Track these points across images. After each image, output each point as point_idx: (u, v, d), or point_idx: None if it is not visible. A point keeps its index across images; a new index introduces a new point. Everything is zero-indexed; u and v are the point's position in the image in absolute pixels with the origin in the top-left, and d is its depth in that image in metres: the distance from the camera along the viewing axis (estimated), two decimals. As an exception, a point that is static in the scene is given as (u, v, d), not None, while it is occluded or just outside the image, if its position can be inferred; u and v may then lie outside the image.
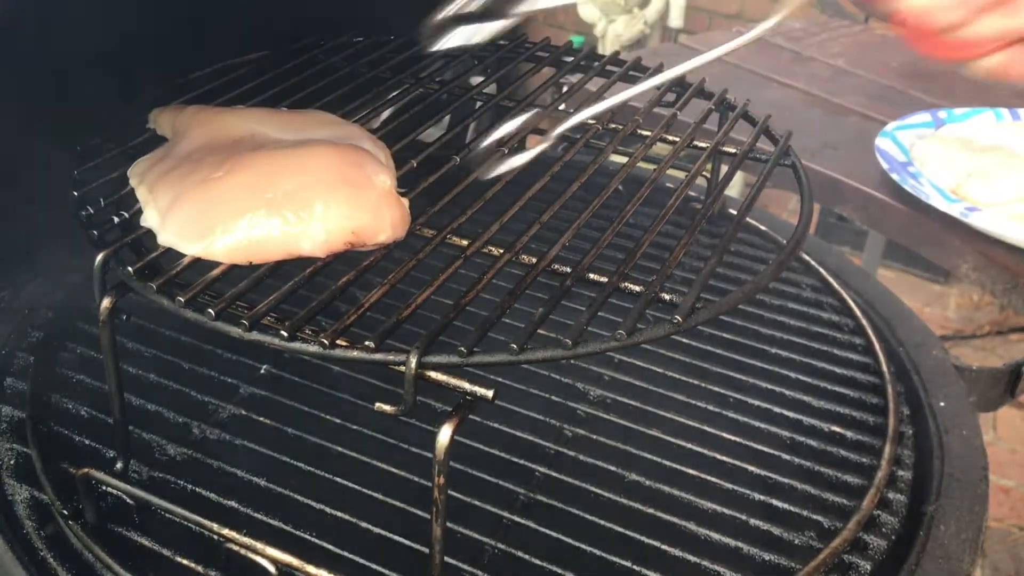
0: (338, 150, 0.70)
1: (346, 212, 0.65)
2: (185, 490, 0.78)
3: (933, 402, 0.94)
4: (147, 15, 0.89)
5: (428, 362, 0.58)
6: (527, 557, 0.73)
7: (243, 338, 0.60)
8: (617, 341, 0.60)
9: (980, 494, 0.84)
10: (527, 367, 0.92)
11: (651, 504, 0.78)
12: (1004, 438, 2.23)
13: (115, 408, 0.72)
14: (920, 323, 1.07)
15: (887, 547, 0.78)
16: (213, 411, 0.87)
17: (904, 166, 1.26)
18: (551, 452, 0.84)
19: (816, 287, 1.12)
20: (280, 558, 0.66)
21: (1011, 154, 1.28)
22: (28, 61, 0.84)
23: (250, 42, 0.97)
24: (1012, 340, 2.54)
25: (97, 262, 0.66)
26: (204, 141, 0.75)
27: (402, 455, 0.81)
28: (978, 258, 1.15)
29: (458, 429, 0.57)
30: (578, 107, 0.89)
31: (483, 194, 0.76)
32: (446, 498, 0.59)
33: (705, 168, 0.85)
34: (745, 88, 1.00)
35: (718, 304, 0.64)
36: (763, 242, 1.18)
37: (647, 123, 0.91)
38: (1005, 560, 1.93)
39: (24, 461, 0.80)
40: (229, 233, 0.65)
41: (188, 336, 0.93)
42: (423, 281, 0.65)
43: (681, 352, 0.98)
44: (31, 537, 0.74)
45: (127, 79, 0.88)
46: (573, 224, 0.72)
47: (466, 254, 0.69)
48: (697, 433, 0.87)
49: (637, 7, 2.62)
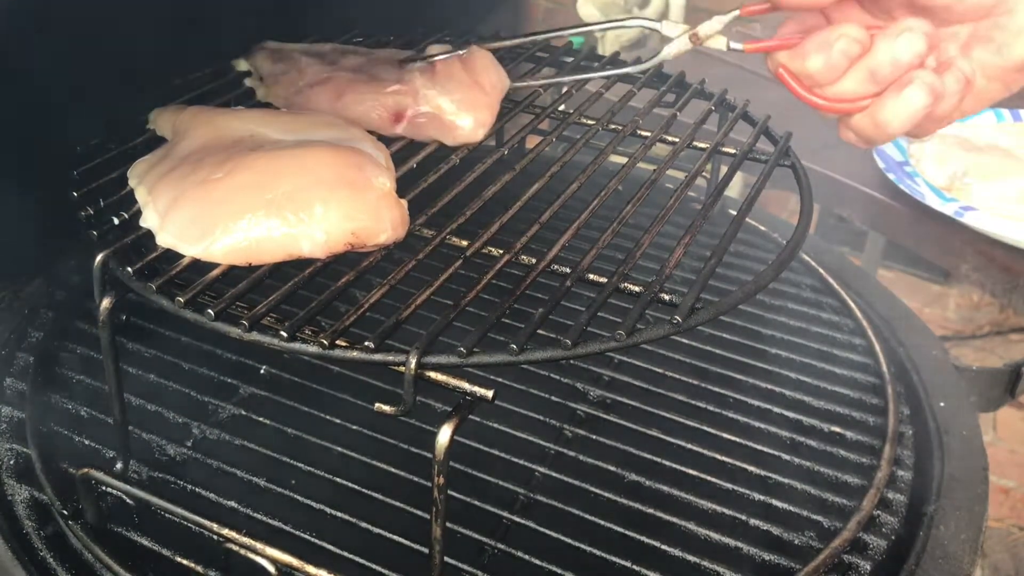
0: (338, 151, 0.70)
1: (346, 213, 0.66)
2: (185, 490, 0.78)
3: (933, 402, 0.94)
4: (147, 15, 0.89)
5: (428, 362, 0.58)
6: (527, 557, 0.73)
7: (243, 338, 0.60)
8: (617, 341, 0.60)
9: (980, 494, 0.83)
10: (527, 367, 0.92)
11: (651, 504, 0.78)
12: (1004, 438, 2.23)
13: (115, 408, 0.72)
14: (920, 323, 1.07)
15: (887, 547, 0.78)
16: (213, 411, 0.87)
17: (901, 165, 1.26)
18: (551, 452, 0.84)
19: (816, 287, 1.12)
20: (280, 558, 0.66)
21: (1008, 155, 1.28)
22: (28, 61, 0.84)
23: (250, 42, 0.96)
24: (1012, 340, 2.53)
25: (97, 262, 0.66)
26: (204, 142, 0.75)
27: (402, 455, 0.81)
28: (978, 258, 1.15)
29: (458, 429, 0.57)
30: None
31: (483, 194, 0.76)
32: (446, 498, 0.59)
33: (705, 168, 0.85)
34: (745, 88, 1.00)
35: (718, 304, 0.64)
36: (763, 242, 1.18)
37: (647, 123, 0.91)
38: (1005, 560, 1.93)
39: (24, 461, 0.80)
40: (229, 234, 0.65)
41: (188, 336, 0.93)
42: (423, 281, 0.65)
43: (681, 352, 0.98)
44: (31, 537, 0.74)
45: (128, 79, 0.88)
46: (573, 224, 0.72)
47: (466, 254, 0.69)
48: (697, 433, 0.87)
49: (637, 7, 2.62)
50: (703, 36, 0.72)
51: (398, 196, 0.70)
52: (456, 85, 0.83)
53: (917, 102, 0.63)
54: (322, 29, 1.03)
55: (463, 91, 0.82)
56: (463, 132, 0.82)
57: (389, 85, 0.83)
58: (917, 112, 0.63)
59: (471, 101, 0.82)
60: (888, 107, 0.64)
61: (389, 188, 0.69)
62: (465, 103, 0.82)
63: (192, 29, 0.94)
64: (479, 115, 0.82)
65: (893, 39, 0.62)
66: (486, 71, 0.85)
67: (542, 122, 0.92)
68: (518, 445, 0.84)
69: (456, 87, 0.82)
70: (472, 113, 0.82)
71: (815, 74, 0.65)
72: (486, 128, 0.83)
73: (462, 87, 0.83)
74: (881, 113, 0.64)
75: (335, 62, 0.89)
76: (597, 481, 0.80)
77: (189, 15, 0.94)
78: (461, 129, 0.82)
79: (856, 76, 0.64)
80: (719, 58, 1.59)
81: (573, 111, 0.92)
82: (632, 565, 0.73)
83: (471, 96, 0.82)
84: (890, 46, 0.62)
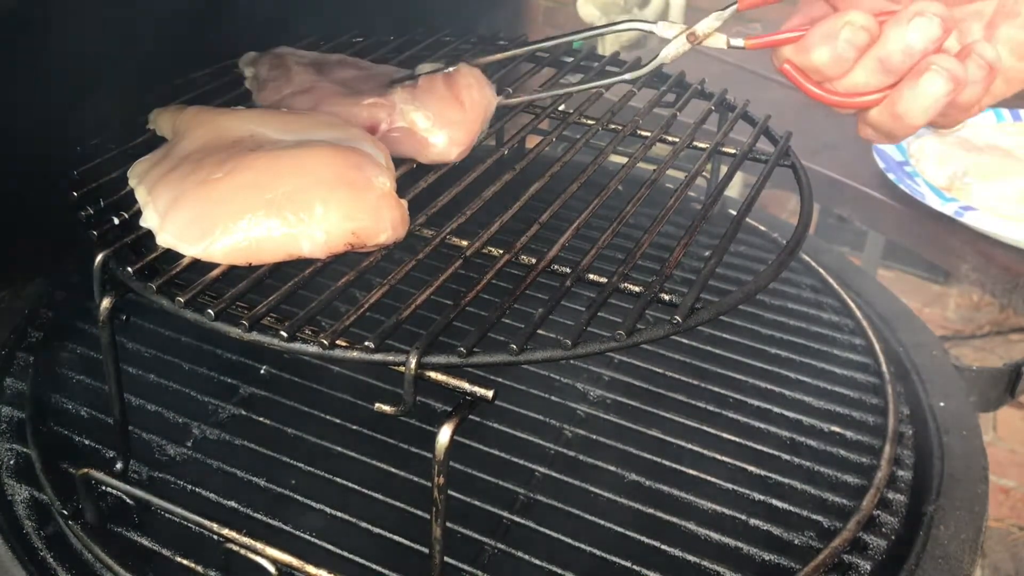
0: (338, 151, 0.70)
1: (346, 213, 0.66)
2: (185, 490, 0.78)
3: (933, 402, 0.94)
4: (147, 15, 0.89)
5: (428, 362, 0.58)
6: (527, 557, 0.73)
7: (243, 338, 0.60)
8: (617, 341, 0.60)
9: (980, 494, 0.84)
10: (527, 367, 0.92)
11: (651, 504, 0.78)
12: (1004, 438, 2.23)
13: (115, 408, 0.72)
14: (920, 323, 1.07)
15: (887, 547, 0.78)
16: (213, 411, 0.87)
17: (901, 165, 1.26)
18: (551, 452, 0.84)
19: (816, 287, 1.12)
20: (280, 558, 0.66)
21: (1008, 155, 1.28)
22: (28, 60, 0.84)
23: (251, 43, 0.97)
24: (1012, 340, 2.53)
25: (97, 262, 0.66)
26: (204, 142, 0.75)
27: (402, 455, 0.81)
28: (978, 258, 1.15)
29: (458, 429, 0.57)
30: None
31: (483, 194, 0.76)
32: (446, 498, 0.59)
33: (705, 168, 0.85)
34: (745, 88, 1.00)
35: (718, 304, 0.64)
36: (763, 242, 1.18)
37: (647, 123, 0.91)
38: (1005, 560, 1.93)
39: (24, 461, 0.80)
40: (229, 234, 0.65)
41: (188, 336, 0.93)
42: (423, 281, 0.65)
43: (681, 352, 0.98)
44: (31, 537, 0.74)
45: (128, 79, 0.88)
46: (573, 224, 0.73)
47: (466, 254, 0.69)
48: (697, 433, 0.87)
49: (637, 7, 2.62)
50: (701, 35, 0.69)
51: (398, 196, 0.70)
52: (434, 101, 0.80)
53: (936, 91, 0.59)
54: (320, 29, 1.03)
55: (439, 107, 0.80)
56: (436, 150, 0.79)
57: (367, 98, 0.81)
58: (937, 101, 0.59)
59: (446, 118, 0.80)
60: (905, 98, 0.60)
61: (389, 188, 0.69)
62: (440, 120, 0.79)
63: (192, 29, 0.94)
64: (453, 133, 0.79)
65: (904, 25, 0.58)
66: (468, 89, 0.82)
67: (542, 122, 0.92)
68: (518, 445, 0.84)
69: (433, 103, 0.80)
70: (446, 130, 0.79)
71: (822, 67, 0.61)
72: (460, 147, 0.80)
73: (439, 103, 0.80)
74: (899, 105, 0.60)
75: (326, 73, 0.88)
76: (597, 481, 0.80)
77: (189, 15, 0.94)
78: (434, 147, 0.79)
79: (867, 67, 0.60)
80: (719, 58, 1.59)
81: (573, 111, 0.92)
82: (632, 565, 0.73)
83: (447, 113, 0.80)
84: (901, 33, 0.59)
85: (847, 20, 0.60)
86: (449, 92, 0.82)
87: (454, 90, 0.82)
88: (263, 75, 0.89)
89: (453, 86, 0.82)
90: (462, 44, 1.04)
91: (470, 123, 0.81)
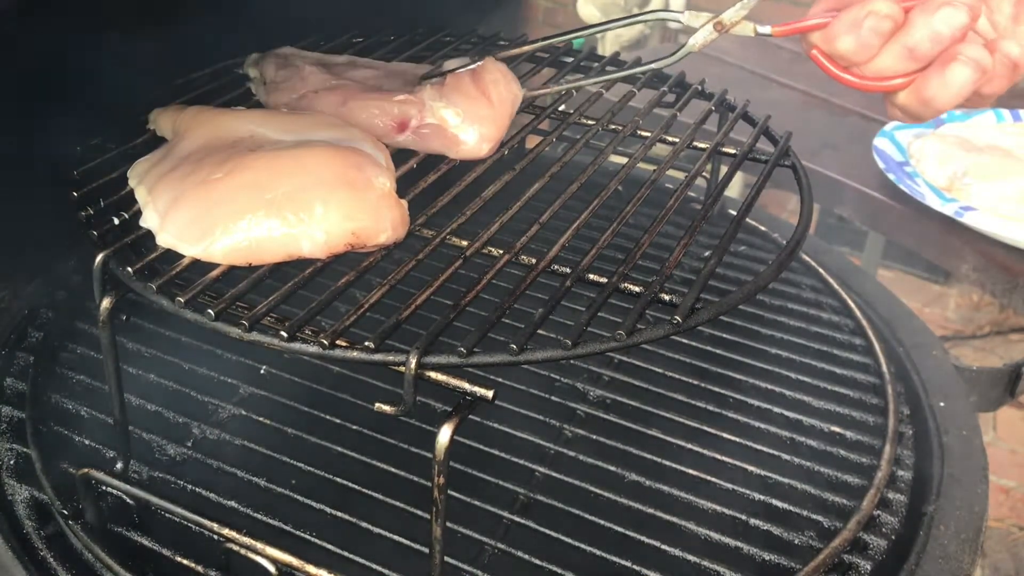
0: (338, 152, 0.70)
1: (346, 213, 0.66)
2: (185, 490, 0.78)
3: (933, 402, 0.94)
4: (147, 14, 0.89)
5: (428, 362, 0.58)
6: (527, 557, 0.73)
7: (243, 338, 0.60)
8: (617, 341, 0.60)
9: (980, 494, 0.84)
10: (527, 367, 0.92)
11: (651, 504, 0.78)
12: (1004, 438, 2.23)
13: (115, 408, 0.72)
14: (920, 323, 1.07)
15: (887, 547, 0.78)
16: (213, 411, 0.87)
17: (901, 166, 1.26)
18: (551, 452, 0.84)
19: (816, 287, 1.12)
20: (280, 558, 0.66)
21: (1008, 155, 1.28)
22: (29, 60, 0.84)
23: (251, 43, 0.97)
24: (1012, 340, 2.53)
25: (97, 262, 0.66)
26: (204, 142, 0.75)
27: (402, 455, 0.81)
28: (978, 258, 1.15)
29: (458, 429, 0.57)
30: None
31: (483, 194, 0.76)
32: (446, 498, 0.59)
33: (705, 169, 0.85)
34: (745, 88, 1.00)
35: (718, 304, 0.64)
36: (763, 242, 1.18)
37: (647, 123, 0.91)
38: (1005, 560, 1.93)
39: (24, 461, 0.80)
40: (229, 234, 0.65)
41: (188, 336, 0.93)
42: (423, 282, 0.65)
43: (681, 352, 0.98)
44: (31, 537, 0.74)
45: (128, 79, 0.88)
46: (573, 224, 0.73)
47: (466, 255, 0.69)
48: (697, 433, 0.87)
49: (636, 7, 2.62)
50: (728, 23, 0.69)
51: (398, 196, 0.70)
52: (462, 98, 0.81)
53: (963, 80, 0.61)
54: (321, 28, 1.03)
55: (468, 103, 0.80)
56: (467, 147, 0.80)
57: (396, 95, 0.82)
58: (964, 88, 0.61)
59: (476, 114, 0.80)
60: (933, 85, 0.62)
61: (389, 188, 0.69)
62: (470, 116, 0.80)
63: (192, 29, 0.94)
64: (484, 129, 0.80)
65: (931, 14, 0.60)
66: (495, 84, 0.83)
67: (542, 122, 0.92)
68: (518, 445, 0.84)
69: (461, 99, 0.81)
70: (476, 126, 0.80)
71: (848, 55, 0.63)
72: (491, 143, 0.81)
73: (467, 99, 0.81)
74: (926, 91, 0.62)
75: (340, 73, 0.88)
76: (597, 481, 0.80)
77: (189, 15, 0.94)
78: (464, 143, 0.80)
79: (894, 53, 0.62)
80: (719, 58, 1.59)
81: (573, 111, 0.92)
82: (632, 565, 0.73)
83: (476, 109, 0.80)
84: (928, 21, 0.60)
85: (870, 9, 0.61)
86: (476, 88, 0.82)
87: (481, 86, 0.82)
88: (271, 76, 0.89)
89: (480, 82, 0.83)
90: (462, 44, 1.04)
91: (499, 118, 0.82)
